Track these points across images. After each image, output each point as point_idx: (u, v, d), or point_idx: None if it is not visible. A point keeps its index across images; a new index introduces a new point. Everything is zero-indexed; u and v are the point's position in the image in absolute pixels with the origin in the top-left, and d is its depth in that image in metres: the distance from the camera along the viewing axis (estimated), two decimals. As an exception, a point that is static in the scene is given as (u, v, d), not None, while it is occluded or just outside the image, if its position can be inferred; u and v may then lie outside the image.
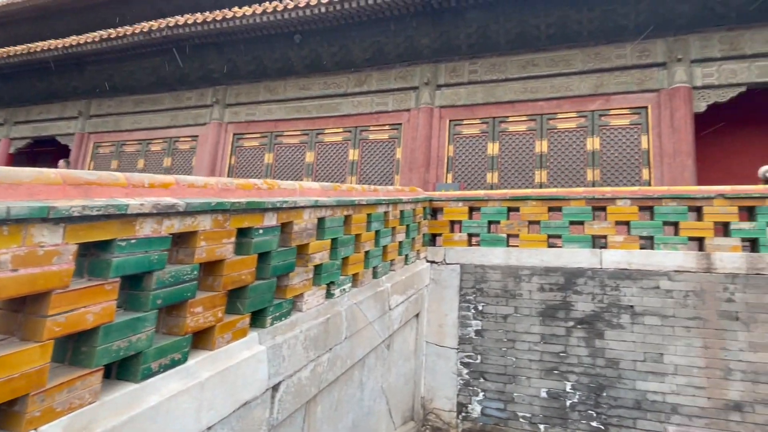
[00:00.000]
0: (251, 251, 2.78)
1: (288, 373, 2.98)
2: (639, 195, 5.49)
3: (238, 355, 2.60)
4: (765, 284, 4.87)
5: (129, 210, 1.98)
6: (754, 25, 9.04)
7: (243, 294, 2.75)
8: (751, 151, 10.51)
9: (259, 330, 2.87)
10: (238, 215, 2.67)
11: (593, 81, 9.87)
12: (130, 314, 2.10)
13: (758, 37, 8.99)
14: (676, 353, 4.95)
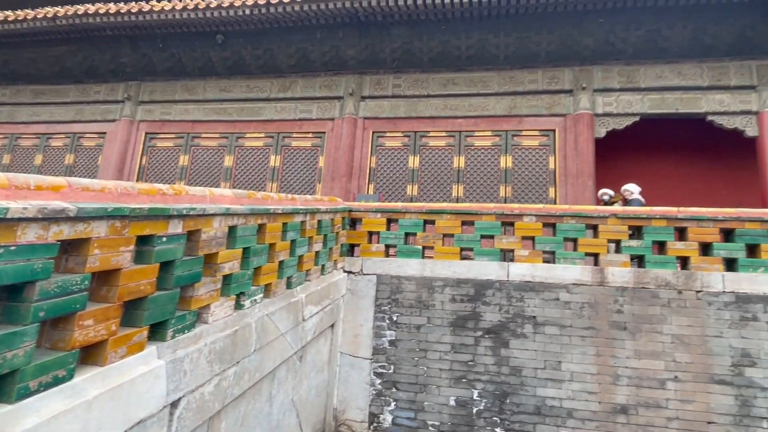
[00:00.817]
0: (152, 260, 2.64)
1: (189, 389, 2.85)
2: (543, 212, 5.87)
3: (132, 370, 2.45)
4: (649, 297, 5.38)
5: (9, 214, 1.82)
6: (648, 61, 10.04)
7: (141, 305, 2.60)
8: (644, 174, 11.60)
9: (159, 343, 2.72)
10: (139, 222, 2.53)
11: (508, 103, 10.45)
12: (6, 328, 1.91)
13: (650, 72, 9.99)
14: (573, 361, 5.32)
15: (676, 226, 5.63)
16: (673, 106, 9.80)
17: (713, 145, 11.07)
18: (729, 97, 9.64)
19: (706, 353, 5.12)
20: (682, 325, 5.22)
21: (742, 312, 5.16)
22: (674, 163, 11.59)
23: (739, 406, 4.94)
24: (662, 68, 9.96)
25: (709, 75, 9.79)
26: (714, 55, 9.83)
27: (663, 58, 9.96)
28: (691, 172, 11.48)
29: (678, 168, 11.61)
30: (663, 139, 11.50)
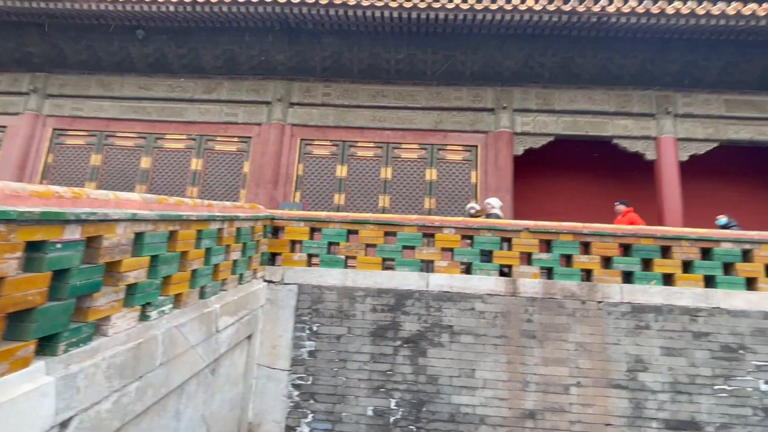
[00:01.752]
0: (44, 268, 2.44)
1: (83, 407, 2.65)
2: (462, 225, 6.08)
3: (14, 389, 2.25)
4: (556, 307, 5.72)
5: None
6: (562, 86, 10.75)
7: (29, 317, 2.39)
8: (559, 191, 12.35)
9: (49, 358, 2.52)
10: (29, 226, 2.34)
11: (434, 117, 10.76)
12: None
13: (564, 96, 10.70)
14: (486, 368, 5.52)
15: (582, 241, 6.04)
16: (583, 128, 10.55)
17: (620, 166, 11.99)
18: (632, 123, 10.54)
19: (605, 360, 5.51)
20: (585, 333, 5.59)
21: (637, 321, 5.62)
22: (585, 182, 12.42)
23: (633, 409, 5.35)
24: (575, 93, 10.71)
25: (615, 102, 10.65)
26: (620, 84, 10.71)
27: (576, 83, 10.72)
28: (600, 190, 12.35)
29: (589, 186, 12.46)
30: (576, 158, 12.30)
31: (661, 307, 5.64)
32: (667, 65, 10.38)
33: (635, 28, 9.37)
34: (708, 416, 5.31)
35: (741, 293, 5.69)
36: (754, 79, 10.43)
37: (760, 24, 8.91)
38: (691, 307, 5.64)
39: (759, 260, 5.86)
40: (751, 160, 11.82)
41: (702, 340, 5.53)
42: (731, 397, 5.35)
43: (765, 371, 5.44)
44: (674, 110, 10.41)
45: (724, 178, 11.86)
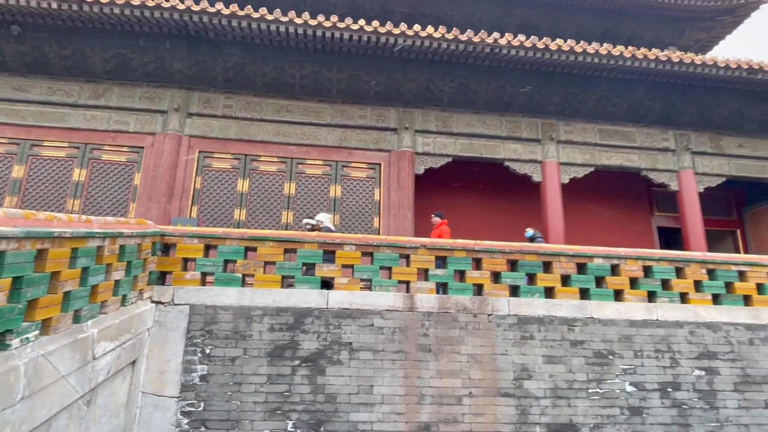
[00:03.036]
0: None
1: None
2: (363, 242, 6.16)
3: None
4: (450, 321, 5.96)
5: None
6: (459, 110, 11.37)
7: None
8: (457, 208, 12.91)
9: None
10: None
11: (339, 134, 10.86)
12: None
13: (461, 119, 11.32)
14: (384, 384, 5.60)
15: (474, 257, 6.38)
16: (478, 150, 11.21)
17: (511, 187, 12.87)
18: (521, 147, 11.39)
19: (494, 370, 5.83)
20: (476, 345, 5.88)
21: (522, 332, 6.02)
22: (481, 200, 13.16)
23: (519, 415, 5.70)
24: (471, 117, 11.37)
25: (507, 127, 11.47)
26: (511, 110, 11.56)
27: (472, 108, 11.39)
28: (494, 208, 13.14)
29: (484, 204, 13.20)
30: (473, 178, 13.02)
31: (544, 318, 6.11)
32: (551, 96, 11.39)
33: (524, 60, 10.19)
34: (583, 418, 5.80)
35: (610, 304, 6.33)
36: (623, 112, 11.78)
37: (626, 64, 10.10)
38: (569, 317, 6.17)
39: (625, 274, 6.57)
40: (621, 183, 13.24)
41: (578, 347, 6.06)
42: (603, 399, 5.90)
43: (630, 374, 6.07)
44: (557, 137, 11.43)
45: (600, 199, 13.16)
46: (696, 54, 11.22)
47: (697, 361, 6.26)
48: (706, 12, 13.93)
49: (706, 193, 11.99)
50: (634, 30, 14.34)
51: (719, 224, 13.86)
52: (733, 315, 6.57)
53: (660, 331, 6.29)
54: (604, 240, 11.09)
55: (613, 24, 14.22)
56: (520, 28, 13.60)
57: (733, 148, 12.18)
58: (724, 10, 13.96)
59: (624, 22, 14.20)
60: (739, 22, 14.66)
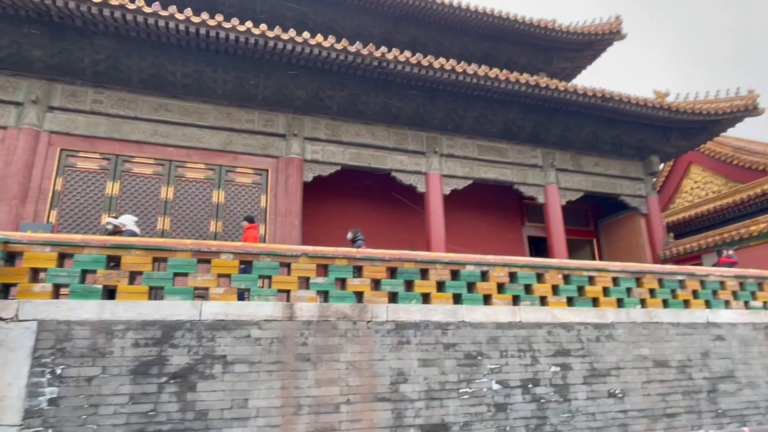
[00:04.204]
0: None
1: None
2: (240, 250, 5.97)
3: None
4: (330, 329, 5.98)
5: None
6: (349, 120, 11.53)
7: None
8: (346, 216, 13.00)
9: None
10: None
11: (224, 138, 10.45)
12: None
13: (351, 129, 11.49)
14: (260, 396, 5.44)
15: (356, 265, 6.47)
16: (367, 160, 11.45)
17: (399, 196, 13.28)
18: (407, 158, 11.83)
19: (372, 375, 5.94)
20: (355, 352, 5.96)
21: (400, 337, 6.22)
22: (370, 209, 13.39)
23: (395, 419, 5.86)
24: (360, 127, 11.59)
25: (394, 138, 11.85)
26: (399, 123, 11.97)
27: (361, 119, 11.61)
28: (382, 217, 13.44)
29: (372, 213, 13.45)
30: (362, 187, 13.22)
31: (420, 324, 6.36)
32: (436, 111, 11.99)
33: (410, 75, 10.62)
34: (455, 417, 6.11)
35: (480, 308, 6.77)
36: (499, 129, 12.74)
37: (501, 85, 10.96)
38: (443, 321, 6.49)
39: (494, 280, 7.08)
40: (496, 196, 14.27)
41: (450, 350, 6.39)
42: (472, 398, 6.27)
43: (496, 373, 6.52)
44: (440, 150, 12.05)
45: (478, 209, 14.06)
46: (561, 81, 12.50)
47: (554, 358, 6.91)
48: (570, 44, 15.61)
49: (568, 206, 13.35)
50: (510, 55, 15.61)
51: (579, 234, 15.50)
52: (584, 315, 7.36)
53: (523, 332, 6.85)
54: (481, 248, 11.85)
55: (493, 48, 15.36)
56: (409, 44, 14.16)
57: (591, 166, 13.73)
58: (585, 43, 15.74)
59: (502, 47, 15.40)
60: (597, 55, 16.62)
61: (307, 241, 11.30)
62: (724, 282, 8.84)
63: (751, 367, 8.35)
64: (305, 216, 11.03)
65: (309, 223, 11.70)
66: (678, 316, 8.03)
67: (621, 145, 14.02)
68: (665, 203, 19.96)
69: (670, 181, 20.30)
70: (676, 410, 7.49)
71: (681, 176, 19.87)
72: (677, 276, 8.43)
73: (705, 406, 7.72)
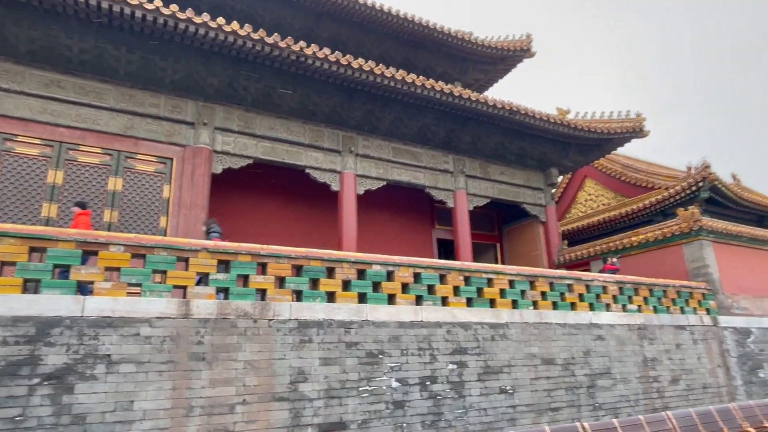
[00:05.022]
0: None
1: None
2: (134, 242, 5.60)
3: None
4: (229, 327, 5.78)
5: None
6: (264, 112, 11.22)
7: None
8: (257, 212, 12.68)
9: None
10: None
11: (124, 121, 9.75)
12: None
13: (265, 122, 11.19)
14: (147, 398, 5.14)
15: (260, 262, 6.32)
16: (281, 155, 11.21)
17: (313, 194, 13.14)
18: (322, 156, 11.74)
19: (271, 375, 5.83)
20: (255, 351, 5.82)
21: (302, 336, 6.16)
22: (283, 205, 13.15)
23: (292, 418, 5.79)
24: (275, 121, 11.32)
25: (310, 135, 11.71)
26: (315, 120, 11.85)
27: (276, 112, 11.35)
28: (295, 214, 13.25)
29: (286, 209, 13.22)
30: (276, 182, 12.94)
31: (323, 322, 6.34)
32: (353, 111, 12.02)
33: (328, 73, 10.56)
34: (353, 415, 6.16)
35: (384, 307, 6.89)
36: (414, 133, 13.04)
37: (417, 91, 11.23)
38: (347, 320, 6.52)
39: (399, 280, 7.23)
40: (409, 198, 14.61)
41: (353, 349, 6.44)
42: (371, 396, 6.36)
43: (397, 371, 6.67)
44: (356, 150, 12.09)
45: (391, 211, 14.31)
46: (474, 91, 13.04)
47: (452, 356, 7.19)
48: (484, 57, 16.36)
49: (475, 211, 13.97)
50: (428, 63, 16.05)
51: (484, 238, 16.28)
52: (482, 315, 7.74)
53: (424, 331, 7.07)
54: (392, 249, 12.10)
55: (412, 54, 15.70)
56: (330, 42, 14.08)
57: (497, 174, 14.47)
58: (497, 58, 16.58)
59: (421, 54, 15.79)
60: (508, 70, 17.56)
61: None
62: (607, 287, 9.71)
63: (625, 365, 9.25)
64: (213, 210, 10.59)
65: (216, 217, 11.20)
66: (565, 317, 8.69)
67: (525, 156, 14.92)
68: (562, 213, 21.55)
69: (568, 193, 21.94)
70: (560, 404, 8.10)
71: (577, 188, 21.55)
72: (566, 280, 9.13)
73: (584, 400, 8.43)
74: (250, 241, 8.44)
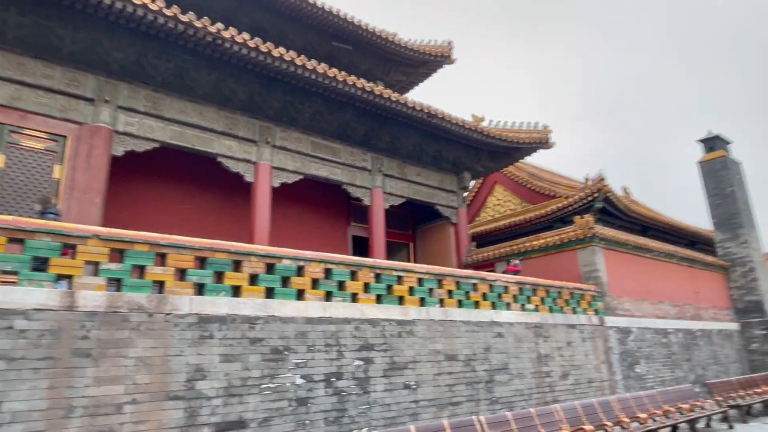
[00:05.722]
0: None
1: None
2: (11, 225, 5.03)
3: None
4: (120, 321, 5.37)
5: None
6: (174, 94, 10.57)
7: None
8: (162, 199, 11.94)
9: None
10: None
11: (11, 91, 8.75)
12: None
13: (176, 105, 10.55)
14: (19, 398, 4.63)
15: (159, 252, 5.94)
16: (191, 141, 10.64)
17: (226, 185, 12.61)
18: (237, 145, 11.30)
19: (165, 372, 5.50)
20: (148, 347, 5.45)
21: (202, 331, 5.87)
22: (192, 194, 12.48)
23: (187, 418, 5.50)
24: (186, 105, 10.71)
25: (224, 122, 11.21)
26: (231, 107, 11.37)
27: (188, 95, 10.75)
28: (206, 205, 12.64)
29: (195, 199, 12.56)
30: (185, 170, 12.25)
31: (226, 317, 6.09)
32: (272, 100, 11.70)
33: (247, 59, 10.17)
34: (254, 413, 5.98)
35: (292, 302, 6.76)
36: (334, 129, 12.95)
37: (338, 86, 11.16)
38: (252, 315, 6.32)
39: (309, 275, 7.13)
40: (326, 194, 14.50)
41: (257, 345, 6.25)
42: (274, 393, 6.21)
43: (302, 368, 6.57)
44: (273, 141, 11.77)
45: (307, 206, 14.12)
46: (395, 92, 13.20)
47: (358, 352, 7.22)
48: (407, 59, 16.63)
49: (391, 210, 14.16)
50: (352, 59, 16.01)
51: (399, 237, 16.57)
52: (390, 312, 7.85)
53: (332, 327, 7.03)
54: (307, 244, 11.86)
55: (336, 49, 15.57)
56: (251, 28, 13.56)
57: (413, 175, 14.77)
58: (420, 61, 16.92)
59: (344, 50, 15.71)
60: (430, 74, 17.99)
61: (111, 223, 10.05)
62: (508, 287, 10.25)
63: (521, 361, 9.82)
64: (112, 195, 9.83)
65: (116, 203, 10.46)
66: (469, 315, 9.06)
67: (441, 159, 15.38)
68: (473, 216, 22.48)
69: (479, 197, 22.93)
70: (460, 399, 8.43)
71: (487, 193, 22.59)
72: (472, 280, 9.52)
73: (483, 394, 8.83)
74: (153, 230, 7.89)
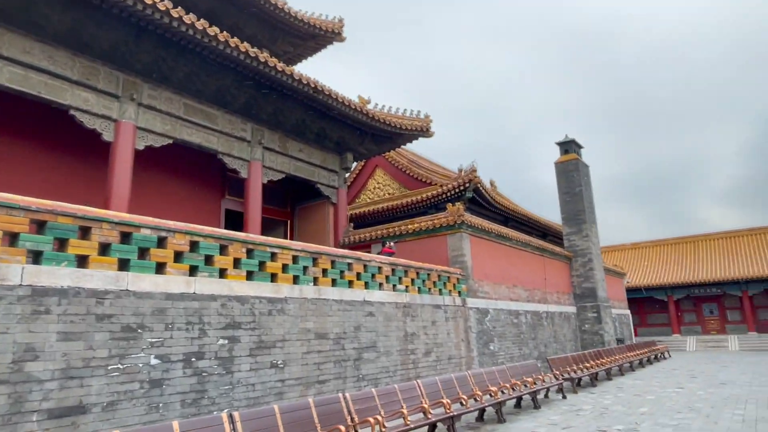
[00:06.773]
0: None
1: None
2: None
3: None
4: None
5: None
6: (16, 30, 8.97)
7: None
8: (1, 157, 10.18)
9: None
10: None
11: None
12: None
13: (19, 43, 8.97)
14: None
15: (-17, 212, 5.01)
16: (37, 88, 9.16)
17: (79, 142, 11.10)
18: (95, 98, 9.98)
19: (-16, 352, 4.69)
20: (-38, 323, 4.60)
21: (36, 306, 5.10)
22: (35, 150, 10.79)
23: (12, 404, 4.76)
24: (34, 44, 9.17)
25: (80, 70, 9.82)
26: (90, 54, 9.98)
27: (37, 35, 9.21)
28: (53, 163, 11.01)
29: (38, 156, 10.88)
30: (26, 121, 10.54)
31: (68, 290, 5.36)
32: (140, 53, 10.50)
33: (111, 2, 8.96)
34: (97, 397, 5.37)
35: (150, 276, 6.17)
36: (211, 93, 12.05)
37: (218, 46, 10.34)
38: (101, 289, 5.64)
39: (171, 247, 6.56)
40: (198, 162, 13.52)
41: (105, 322, 5.60)
42: (123, 375, 5.64)
43: (157, 347, 6.05)
44: (139, 99, 10.60)
45: (176, 173, 13.04)
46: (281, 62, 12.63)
47: (224, 331, 6.85)
48: (295, 30, 16.03)
49: (269, 185, 13.66)
50: (236, 21, 15.00)
51: (276, 214, 16.09)
52: (261, 289, 7.56)
53: (195, 304, 6.56)
54: (174, 215, 10.96)
55: (220, 8, 14.47)
56: (120, -33, 12.01)
57: (296, 151, 14.37)
58: (309, 34, 16.42)
59: (230, 10, 14.65)
60: (318, 49, 17.57)
61: None
62: (382, 268, 10.48)
63: (389, 339, 10.14)
64: None
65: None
66: (342, 294, 9.09)
67: (325, 137, 15.16)
68: (353, 197, 22.66)
69: (360, 179, 23.14)
70: (327, 377, 8.45)
71: (368, 176, 22.88)
72: (347, 259, 9.55)
73: (350, 372, 8.96)
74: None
